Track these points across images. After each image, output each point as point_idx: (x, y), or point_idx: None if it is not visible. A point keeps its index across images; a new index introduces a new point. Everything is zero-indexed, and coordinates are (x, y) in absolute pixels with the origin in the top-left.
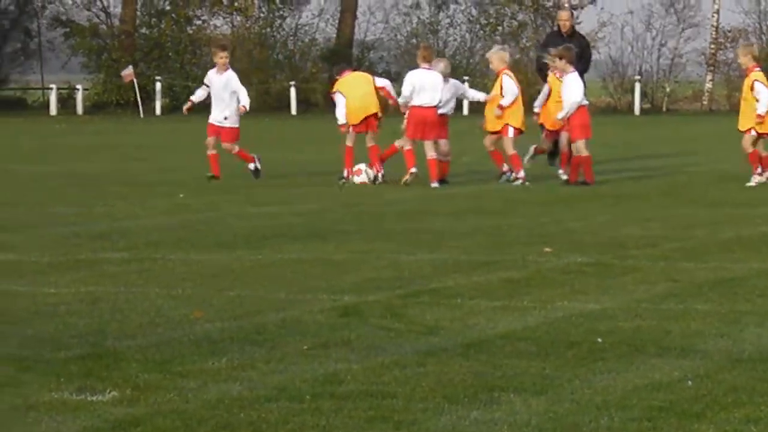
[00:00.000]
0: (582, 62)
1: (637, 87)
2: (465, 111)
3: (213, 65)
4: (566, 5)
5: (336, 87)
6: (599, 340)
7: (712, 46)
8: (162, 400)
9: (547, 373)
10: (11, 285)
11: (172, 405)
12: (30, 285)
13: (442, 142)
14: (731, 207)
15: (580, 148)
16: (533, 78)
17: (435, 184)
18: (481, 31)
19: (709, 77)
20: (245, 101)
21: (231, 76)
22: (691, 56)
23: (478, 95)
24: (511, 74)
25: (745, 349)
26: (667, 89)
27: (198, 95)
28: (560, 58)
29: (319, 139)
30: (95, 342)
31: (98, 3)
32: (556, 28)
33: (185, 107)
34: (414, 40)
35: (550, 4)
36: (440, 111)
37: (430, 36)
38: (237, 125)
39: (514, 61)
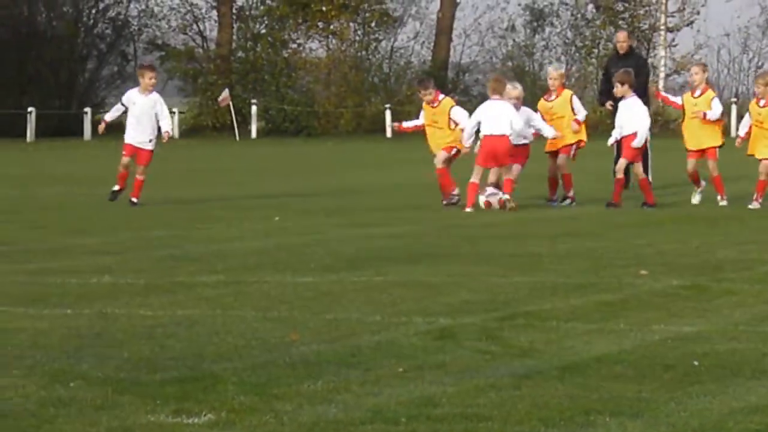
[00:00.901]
0: (637, 83)
1: (734, 109)
2: None
3: (305, 88)
4: (663, 29)
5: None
6: (695, 362)
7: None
8: (258, 422)
9: (643, 396)
10: (108, 307)
11: (268, 427)
12: (126, 307)
13: (515, 166)
14: None
15: (638, 170)
16: None
17: (469, 209)
18: (577, 54)
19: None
20: (169, 127)
21: (158, 98)
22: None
23: (547, 131)
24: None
25: None
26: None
27: (112, 114)
28: (621, 84)
29: (415, 161)
30: (192, 365)
31: (194, 27)
32: (614, 50)
33: (100, 127)
34: (510, 63)
35: (646, 26)
36: (517, 142)
37: (526, 59)
38: (153, 149)
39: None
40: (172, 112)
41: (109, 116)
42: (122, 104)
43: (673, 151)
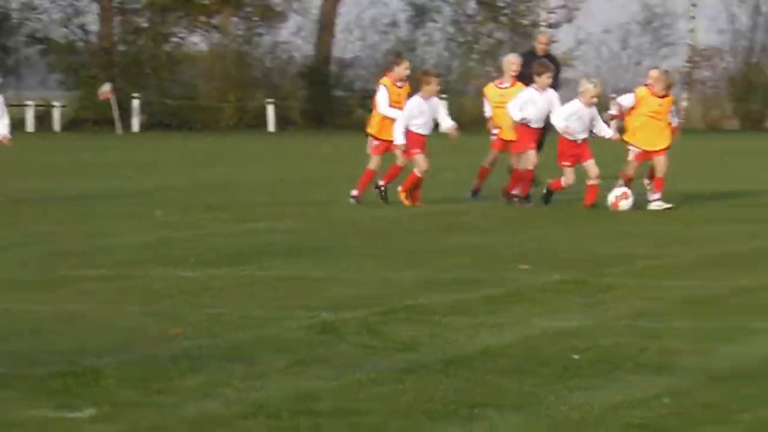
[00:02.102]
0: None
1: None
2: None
3: (188, 82)
4: (544, 25)
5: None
6: (577, 357)
7: (688, 64)
8: (140, 417)
9: (526, 390)
10: None
11: (150, 422)
12: (8, 302)
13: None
14: (704, 224)
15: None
16: None
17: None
18: (458, 49)
19: (684, 95)
20: (6, 130)
21: (0, 100)
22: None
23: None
24: None
25: (720, 366)
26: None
27: None
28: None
29: (298, 156)
30: (74, 359)
31: (76, 20)
32: (531, 48)
33: None
34: (392, 58)
35: (528, 22)
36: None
37: (408, 54)
38: None
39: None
40: (52, 106)
41: None
42: None
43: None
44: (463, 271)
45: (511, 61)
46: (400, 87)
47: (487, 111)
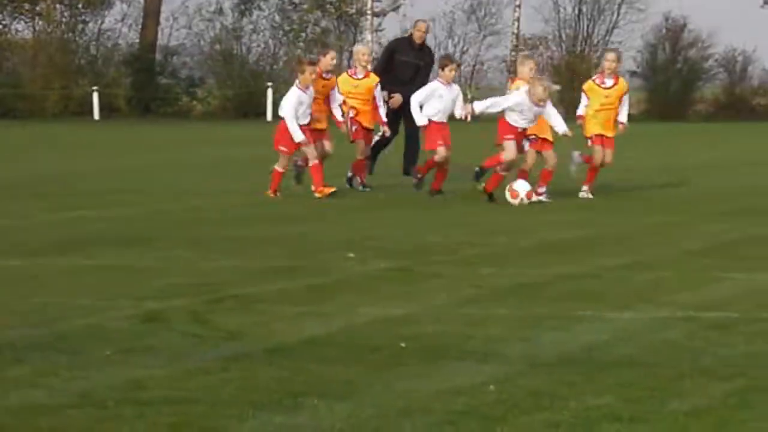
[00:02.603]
0: (421, 77)
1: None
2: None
3: (11, 70)
4: (370, 14)
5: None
6: (402, 345)
7: (513, 53)
8: None
9: (351, 378)
10: None
11: None
12: None
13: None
14: (528, 214)
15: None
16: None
17: None
18: (285, 38)
19: (509, 84)
20: None
21: None
22: (492, 63)
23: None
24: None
25: (545, 353)
26: (469, 96)
27: None
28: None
29: (124, 144)
30: None
31: None
32: (407, 35)
33: None
34: (218, 46)
35: (353, 10)
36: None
37: (234, 42)
38: None
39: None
40: None
41: None
42: None
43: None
44: (289, 260)
45: (362, 52)
46: (326, 78)
47: (339, 98)
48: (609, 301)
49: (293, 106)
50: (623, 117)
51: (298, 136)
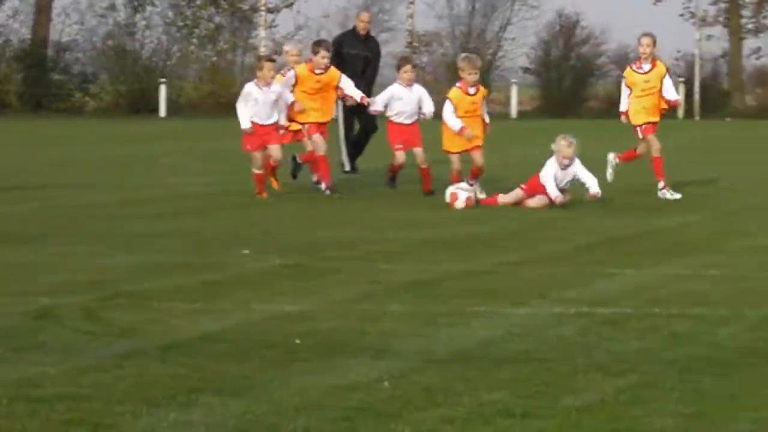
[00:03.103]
0: (371, 68)
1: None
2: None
3: None
4: (263, 10)
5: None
6: (297, 341)
7: (407, 49)
8: None
9: (246, 375)
10: None
11: None
12: None
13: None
14: (423, 210)
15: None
16: (231, 80)
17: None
18: (178, 34)
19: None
20: None
21: None
22: (386, 60)
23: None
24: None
25: (440, 349)
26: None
27: None
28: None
29: (16, 140)
30: None
31: None
32: (351, 28)
33: None
34: (110, 42)
35: (247, 7)
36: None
37: (127, 38)
38: None
39: (213, 65)
40: None
41: None
42: None
43: None
44: (184, 256)
45: (291, 53)
46: (318, 74)
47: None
48: (503, 297)
49: (242, 98)
50: (672, 95)
51: (244, 122)
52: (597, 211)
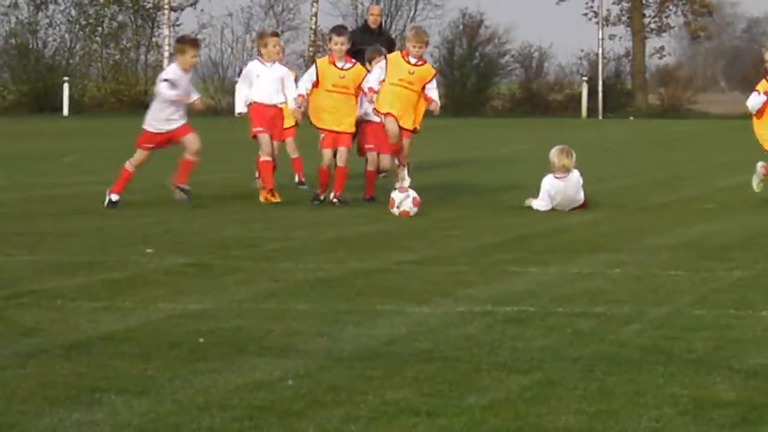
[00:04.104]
0: None
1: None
2: (66, 112)
3: None
4: (167, 8)
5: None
6: (201, 340)
7: (311, 48)
8: None
9: (149, 374)
10: None
11: None
12: None
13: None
14: (326, 208)
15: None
16: (134, 78)
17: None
18: (81, 32)
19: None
20: None
21: None
22: (291, 58)
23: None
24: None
25: (344, 348)
26: None
27: None
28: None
29: None
30: None
31: None
32: (363, 23)
33: None
34: (13, 41)
35: (150, 5)
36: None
37: (29, 36)
38: None
39: (116, 63)
40: None
41: None
42: None
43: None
44: (87, 255)
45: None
46: (343, 69)
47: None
48: (407, 295)
49: (242, 77)
50: None
51: (239, 105)
52: (504, 209)
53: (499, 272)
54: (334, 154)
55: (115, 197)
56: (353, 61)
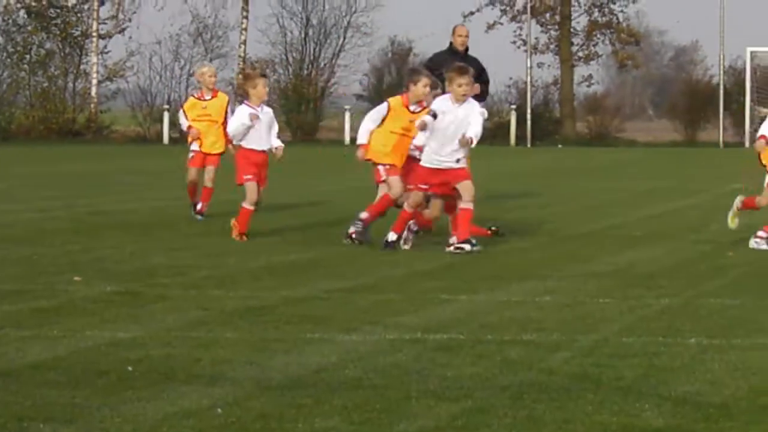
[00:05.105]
0: (482, 87)
1: (166, 116)
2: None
3: None
4: (95, 36)
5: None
6: (129, 368)
7: (240, 76)
8: None
9: (77, 402)
10: None
11: None
12: None
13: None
14: (254, 236)
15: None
16: (62, 106)
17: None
18: (8, 60)
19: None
20: None
21: None
22: (220, 86)
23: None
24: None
25: (273, 376)
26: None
27: None
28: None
29: None
30: None
31: None
32: (448, 46)
33: None
34: None
35: (78, 32)
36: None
37: None
38: None
39: (44, 90)
40: None
41: None
42: None
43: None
44: (14, 283)
45: (208, 73)
46: (414, 111)
47: (184, 124)
48: (337, 323)
49: (236, 118)
50: None
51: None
52: (435, 236)
53: (428, 300)
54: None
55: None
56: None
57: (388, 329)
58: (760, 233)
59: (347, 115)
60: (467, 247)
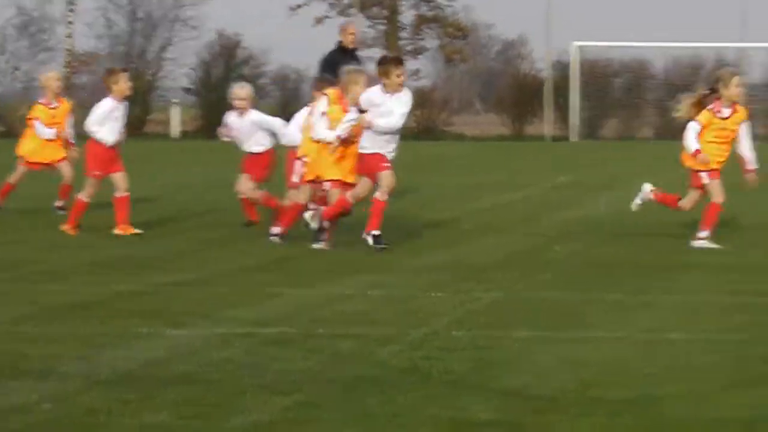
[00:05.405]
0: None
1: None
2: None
3: None
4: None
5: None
6: None
7: (67, 69)
8: None
9: None
10: None
11: None
12: None
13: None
14: (89, 231)
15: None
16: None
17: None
18: None
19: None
20: None
21: None
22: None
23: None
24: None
25: (101, 371)
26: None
27: None
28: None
29: None
30: None
31: None
32: (337, 44)
33: None
34: None
35: None
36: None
37: None
38: None
39: None
40: None
41: None
42: None
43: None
44: None
45: (54, 78)
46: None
47: (45, 133)
48: (167, 317)
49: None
50: None
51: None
52: (266, 231)
53: (260, 294)
54: None
55: None
56: None
57: (219, 323)
58: (701, 234)
59: (175, 109)
60: (313, 223)
